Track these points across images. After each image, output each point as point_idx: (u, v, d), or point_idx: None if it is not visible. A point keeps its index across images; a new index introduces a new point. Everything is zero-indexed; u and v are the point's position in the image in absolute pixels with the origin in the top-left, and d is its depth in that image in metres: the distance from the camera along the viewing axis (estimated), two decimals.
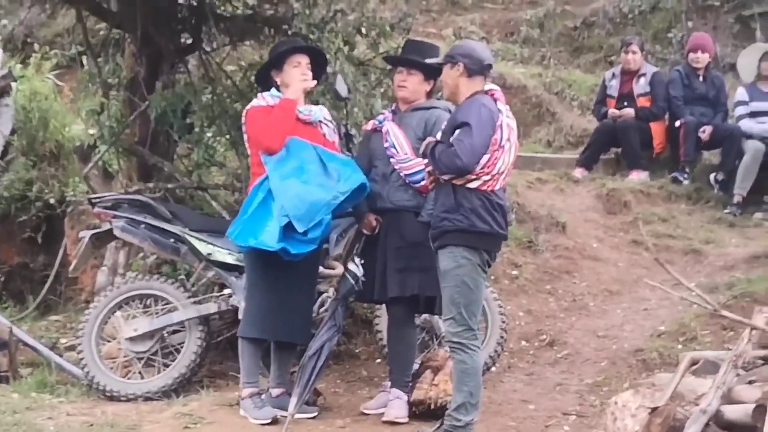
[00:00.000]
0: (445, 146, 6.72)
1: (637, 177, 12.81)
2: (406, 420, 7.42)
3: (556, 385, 8.61)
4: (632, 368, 8.51)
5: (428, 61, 7.76)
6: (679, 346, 8.39)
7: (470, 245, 6.81)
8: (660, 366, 7.99)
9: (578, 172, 13.05)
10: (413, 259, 7.49)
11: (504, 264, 10.08)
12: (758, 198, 12.25)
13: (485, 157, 6.53)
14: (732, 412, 5.75)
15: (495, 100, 6.94)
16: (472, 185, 6.72)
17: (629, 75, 13.17)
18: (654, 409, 6.01)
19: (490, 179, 6.74)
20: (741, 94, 13.07)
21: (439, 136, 7.01)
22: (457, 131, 6.70)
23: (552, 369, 9.08)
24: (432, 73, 7.80)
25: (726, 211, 12.22)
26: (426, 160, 7.15)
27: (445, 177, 6.74)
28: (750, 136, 12.34)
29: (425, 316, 8.31)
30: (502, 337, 8.49)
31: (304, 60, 7.80)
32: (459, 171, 6.69)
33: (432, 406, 7.52)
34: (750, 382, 6.10)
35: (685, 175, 12.80)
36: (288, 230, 7.16)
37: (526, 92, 14.25)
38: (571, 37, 17.00)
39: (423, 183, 7.38)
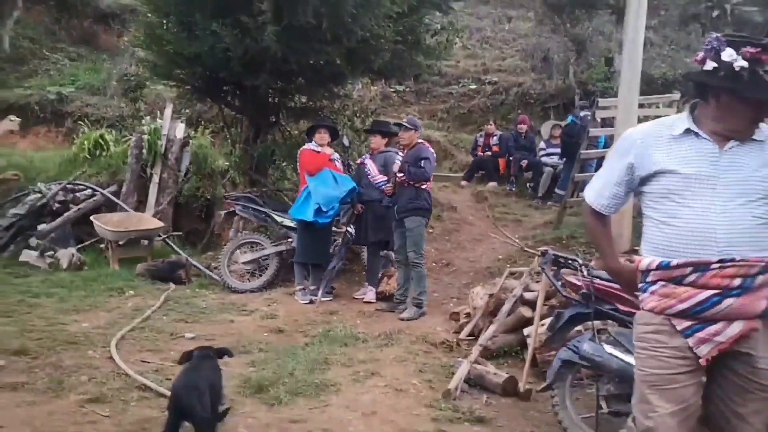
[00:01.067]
0: (415, 168, 7.29)
1: (492, 185, 12.86)
2: (374, 300, 8.01)
3: (447, 284, 9.01)
4: (485, 276, 8.58)
5: (383, 129, 8.45)
6: (507, 265, 8.30)
7: (423, 215, 7.43)
8: (497, 275, 7.75)
9: (463, 183, 13.05)
10: (379, 224, 7.97)
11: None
12: (550, 195, 12.26)
13: None
14: (527, 295, 6.30)
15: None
16: (423, 186, 7.37)
17: (488, 136, 13.30)
18: (491, 295, 6.72)
19: (429, 184, 7.43)
20: (541, 144, 13.15)
21: (397, 165, 7.59)
22: (423, 161, 7.31)
23: (446, 277, 9.30)
24: (387, 135, 8.33)
25: (533, 201, 12.39)
26: (384, 177, 7.82)
27: (413, 182, 7.31)
28: (545, 165, 12.50)
29: (385, 251, 8.43)
30: None
31: (324, 131, 8.32)
32: (425, 179, 7.34)
33: (387, 294, 8.10)
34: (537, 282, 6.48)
35: (514, 185, 12.79)
36: (317, 212, 7.79)
37: (439, 144, 14.11)
38: (462, 116, 17.05)
39: (384, 187, 7.82)
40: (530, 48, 18.66)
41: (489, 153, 13.34)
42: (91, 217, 9.44)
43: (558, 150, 12.50)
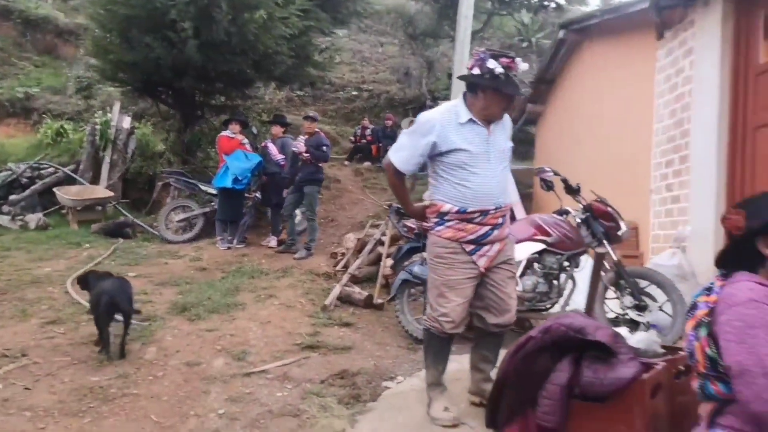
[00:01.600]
0: (318, 152, 7.17)
1: (367, 164, 12.98)
2: (275, 246, 7.82)
3: (331, 234, 8.73)
4: (358, 227, 8.44)
5: (281, 121, 8.28)
6: (370, 221, 8.13)
7: (317, 185, 7.45)
8: (367, 227, 7.68)
9: (346, 163, 13.06)
10: (279, 190, 7.84)
11: None
12: None
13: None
14: (384, 238, 6.56)
15: None
16: (320, 165, 7.35)
17: (364, 128, 13.37)
18: (359, 239, 6.91)
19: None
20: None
21: (300, 146, 7.24)
22: (324, 147, 7.26)
23: (331, 229, 9.01)
24: (284, 125, 8.19)
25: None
26: (282, 156, 7.73)
27: (315, 161, 7.21)
28: None
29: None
30: None
31: (236, 122, 8.10)
32: (324, 160, 7.34)
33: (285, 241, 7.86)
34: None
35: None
36: (234, 181, 7.64)
37: (329, 134, 13.49)
38: (346, 114, 17.12)
39: (282, 163, 7.77)
40: (396, 65, 19.18)
41: (365, 141, 13.50)
42: (54, 189, 8.94)
43: None
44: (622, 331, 2.25)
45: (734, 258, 1.84)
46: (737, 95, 4.57)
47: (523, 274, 4.18)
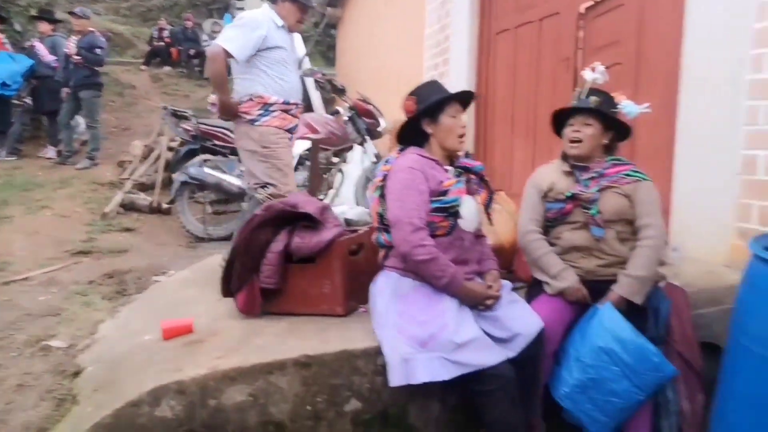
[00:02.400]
0: (92, 54, 6.48)
1: (166, 69, 12.10)
2: (54, 157, 7.15)
3: (123, 143, 7.88)
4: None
5: (48, 17, 7.38)
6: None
7: (96, 89, 6.76)
8: (155, 133, 6.92)
9: (143, 68, 12.08)
10: (53, 96, 7.04)
11: None
12: None
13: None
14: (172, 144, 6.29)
15: None
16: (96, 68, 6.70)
17: (161, 30, 12.38)
18: (146, 145, 6.57)
19: None
20: (204, 37, 12.28)
21: (72, 45, 6.55)
22: (98, 49, 6.54)
23: (124, 138, 8.22)
24: (53, 21, 7.35)
25: (200, 81, 11.65)
26: (53, 57, 6.96)
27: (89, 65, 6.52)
28: None
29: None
30: None
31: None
32: (99, 64, 6.66)
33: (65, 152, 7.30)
34: None
35: (185, 69, 12.04)
36: (2, 86, 6.84)
37: (123, 35, 12.87)
38: (143, 13, 15.60)
39: (56, 66, 7.02)
40: None
41: (163, 44, 12.52)
42: None
43: None
44: (344, 206, 2.60)
45: (408, 135, 2.22)
46: (484, 4, 5.12)
47: (295, 170, 4.44)
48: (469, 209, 2.10)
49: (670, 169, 3.02)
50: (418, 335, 1.91)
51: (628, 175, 2.17)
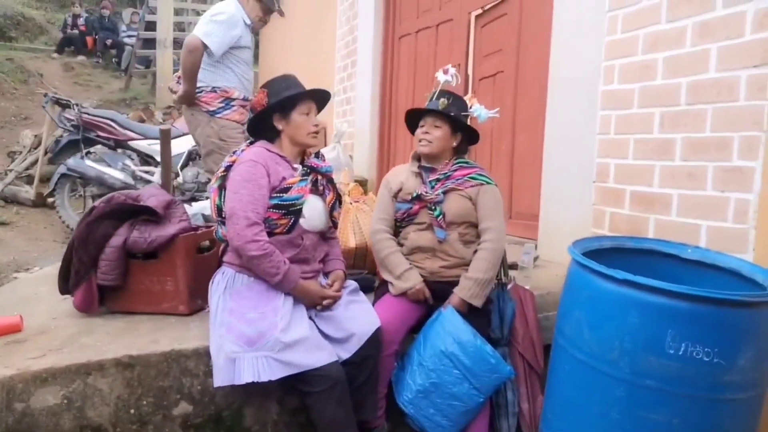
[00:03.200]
0: None
1: (81, 58, 11.49)
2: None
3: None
4: None
5: None
6: None
7: None
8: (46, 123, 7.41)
9: (54, 55, 11.49)
10: None
11: None
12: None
13: None
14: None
15: None
16: None
17: (76, 17, 11.75)
18: (36, 135, 6.13)
19: None
20: (122, 27, 11.80)
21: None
22: None
23: (25, 130, 8.12)
24: None
25: (117, 73, 11.25)
26: None
27: None
28: (126, 44, 11.23)
29: None
30: None
31: None
32: None
33: None
34: None
35: (101, 59, 11.68)
36: None
37: (35, 20, 12.42)
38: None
39: None
40: None
41: (77, 31, 11.81)
42: None
43: (136, 32, 11.16)
44: (206, 202, 2.51)
45: (258, 129, 2.15)
46: (389, 8, 5.14)
47: (185, 166, 4.30)
48: (313, 209, 2.05)
49: (539, 174, 3.09)
50: (247, 333, 1.85)
51: (472, 178, 2.18)
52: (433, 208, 2.15)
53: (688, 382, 1.45)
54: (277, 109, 2.04)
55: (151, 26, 9.77)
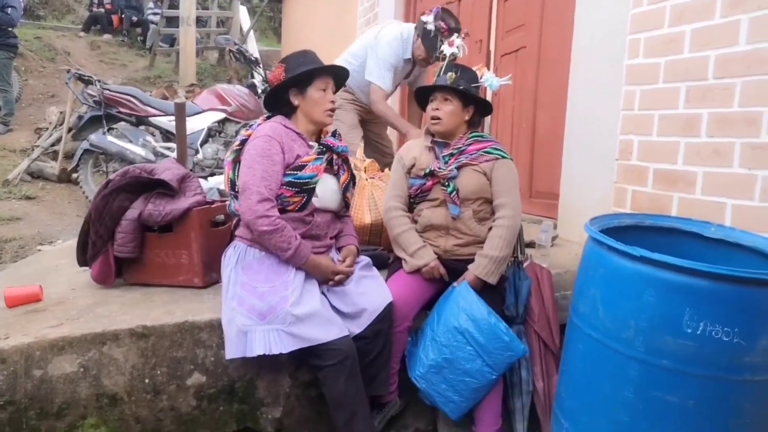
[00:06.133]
0: (2, 13, 6.10)
1: (107, 36, 11.49)
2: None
3: (38, 108, 7.95)
4: None
5: None
6: None
7: (8, 50, 6.45)
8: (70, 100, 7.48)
9: (81, 34, 11.39)
10: None
11: None
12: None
13: None
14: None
15: None
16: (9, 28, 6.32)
17: None
18: (61, 112, 6.14)
19: None
20: (150, 4, 11.81)
21: None
22: (9, 8, 6.12)
23: (51, 108, 8.38)
24: None
25: (142, 51, 11.20)
26: None
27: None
28: (152, 22, 11.22)
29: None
30: None
31: None
32: (11, 25, 6.33)
33: None
34: None
35: (126, 37, 11.45)
36: None
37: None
38: None
39: None
40: None
41: (103, 9, 11.81)
42: None
43: (161, 11, 11.12)
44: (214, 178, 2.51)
45: (275, 103, 2.12)
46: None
47: (204, 143, 4.32)
48: (326, 189, 2.02)
49: (561, 152, 3.03)
50: (258, 307, 1.85)
51: (487, 152, 2.13)
52: (447, 184, 2.11)
53: (705, 362, 1.40)
54: (294, 84, 2.01)
55: (174, 4, 9.74)
